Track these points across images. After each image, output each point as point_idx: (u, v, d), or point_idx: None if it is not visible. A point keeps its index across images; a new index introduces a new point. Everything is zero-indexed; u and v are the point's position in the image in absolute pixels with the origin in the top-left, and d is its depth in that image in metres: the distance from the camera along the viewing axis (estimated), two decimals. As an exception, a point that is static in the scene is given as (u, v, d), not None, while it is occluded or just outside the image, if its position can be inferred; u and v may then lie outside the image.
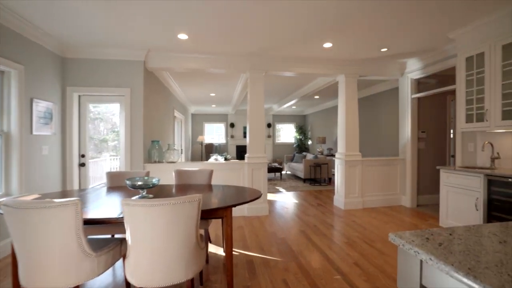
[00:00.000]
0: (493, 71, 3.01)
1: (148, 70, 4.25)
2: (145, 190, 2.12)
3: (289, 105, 9.59)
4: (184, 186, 2.77)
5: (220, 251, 2.91)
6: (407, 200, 4.79)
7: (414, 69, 4.63)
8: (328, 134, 9.74)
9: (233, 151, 11.88)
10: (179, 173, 2.99)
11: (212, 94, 7.92)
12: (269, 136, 12.11)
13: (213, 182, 4.08)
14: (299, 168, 8.00)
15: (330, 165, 7.51)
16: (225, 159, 7.50)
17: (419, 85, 4.81)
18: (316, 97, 8.31)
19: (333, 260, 2.66)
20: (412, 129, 4.73)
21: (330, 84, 5.60)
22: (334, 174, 5.61)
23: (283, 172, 10.05)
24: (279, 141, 12.55)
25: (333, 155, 8.56)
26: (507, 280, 0.63)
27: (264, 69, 4.37)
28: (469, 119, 3.31)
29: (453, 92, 4.63)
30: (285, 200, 5.39)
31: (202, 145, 11.14)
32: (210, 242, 3.11)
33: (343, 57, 4.44)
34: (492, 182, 2.80)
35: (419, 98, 4.77)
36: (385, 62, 4.73)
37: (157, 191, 2.45)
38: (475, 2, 2.70)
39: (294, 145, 12.27)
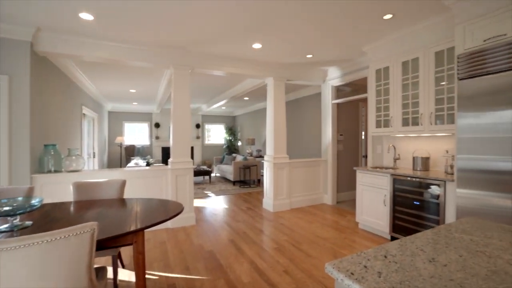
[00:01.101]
0: (396, 83, 3.44)
1: (39, 54, 3.37)
2: (18, 217, 1.55)
3: (219, 106, 9.35)
4: (86, 204, 2.22)
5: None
6: (328, 198, 5.16)
7: (334, 76, 5.02)
8: (257, 135, 9.91)
9: (158, 153, 10.91)
10: (80, 187, 2.40)
11: (132, 90, 7.02)
12: (198, 137, 11.60)
13: (131, 193, 3.52)
14: (229, 170, 7.85)
15: (259, 167, 7.60)
16: (148, 163, 6.73)
17: (338, 91, 5.25)
18: (246, 98, 8.31)
19: (263, 271, 2.55)
20: (333, 132, 5.12)
21: (259, 86, 5.61)
22: (263, 175, 5.64)
23: (213, 175, 9.75)
24: (208, 142, 12.16)
25: (262, 157, 8.73)
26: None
27: (190, 66, 4.02)
28: (378, 124, 3.72)
29: (365, 100, 5.22)
30: (214, 206, 5.13)
31: (121, 147, 9.84)
32: (123, 267, 2.61)
33: (272, 60, 4.46)
34: (396, 181, 3.18)
35: (338, 104, 5.20)
36: (310, 68, 4.98)
37: (41, 215, 1.86)
38: (384, 22, 3.00)
39: (224, 146, 12.09)
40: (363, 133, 5.64)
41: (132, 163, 7.83)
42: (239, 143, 11.83)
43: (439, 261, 0.85)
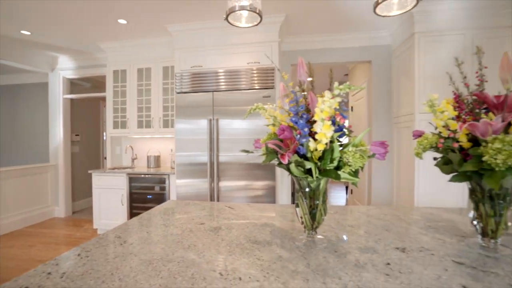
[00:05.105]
0: (132, 87, 3.64)
1: None
2: None
3: None
4: None
5: None
6: (61, 210, 4.36)
7: (67, 67, 4.31)
8: None
9: None
10: None
11: None
12: None
13: None
14: None
15: None
16: None
17: (73, 85, 4.58)
18: None
19: None
20: (65, 131, 4.39)
21: None
22: None
23: None
24: None
25: None
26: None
27: None
28: (116, 125, 3.73)
29: (105, 99, 4.98)
30: None
31: None
32: None
33: (-50, 21, 2.97)
34: (132, 179, 3.38)
35: (72, 100, 4.54)
36: (31, 49, 3.91)
37: None
38: (120, 25, 3.06)
39: None
40: (105, 133, 5.38)
41: None
42: None
43: (127, 242, 1.04)
